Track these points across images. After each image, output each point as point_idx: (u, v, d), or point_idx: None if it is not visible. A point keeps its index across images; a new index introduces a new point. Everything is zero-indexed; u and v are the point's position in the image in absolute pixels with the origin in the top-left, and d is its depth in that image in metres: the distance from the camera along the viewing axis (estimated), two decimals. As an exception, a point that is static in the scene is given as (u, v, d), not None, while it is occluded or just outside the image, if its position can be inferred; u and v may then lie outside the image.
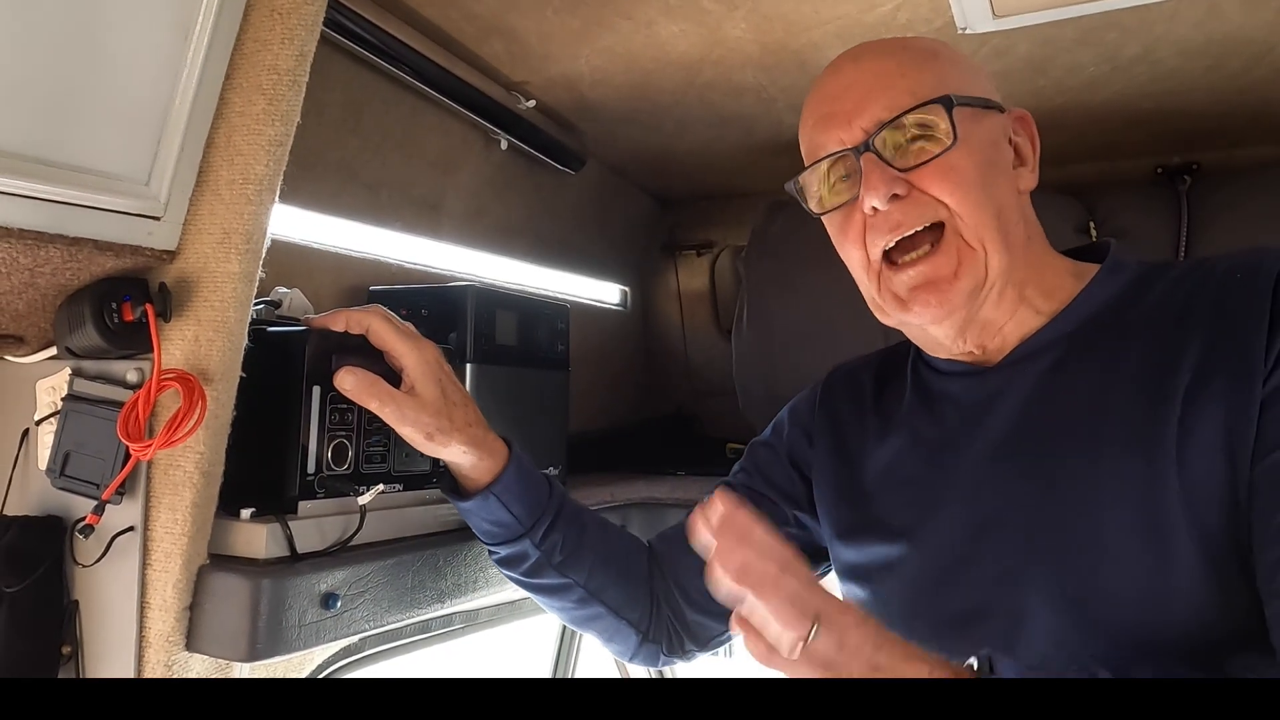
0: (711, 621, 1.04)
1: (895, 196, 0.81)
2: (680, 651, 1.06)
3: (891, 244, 0.83)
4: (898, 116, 0.81)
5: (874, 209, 0.82)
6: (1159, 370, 0.76)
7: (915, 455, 0.92)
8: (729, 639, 1.07)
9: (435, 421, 0.91)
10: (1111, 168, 1.74)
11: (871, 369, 1.04)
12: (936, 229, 0.82)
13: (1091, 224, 1.57)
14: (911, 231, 0.82)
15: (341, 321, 0.92)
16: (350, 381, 0.88)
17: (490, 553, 1.00)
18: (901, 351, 1.01)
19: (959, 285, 0.82)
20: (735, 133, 1.70)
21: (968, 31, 1.20)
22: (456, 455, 0.93)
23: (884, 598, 0.91)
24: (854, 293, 0.92)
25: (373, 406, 0.89)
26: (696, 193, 2.16)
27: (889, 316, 0.88)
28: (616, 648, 1.06)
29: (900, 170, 0.81)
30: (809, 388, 1.09)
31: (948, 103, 0.80)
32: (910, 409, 0.95)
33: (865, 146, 0.82)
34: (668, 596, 1.05)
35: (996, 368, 0.87)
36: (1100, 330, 0.83)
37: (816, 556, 1.02)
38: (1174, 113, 1.52)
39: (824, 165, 0.87)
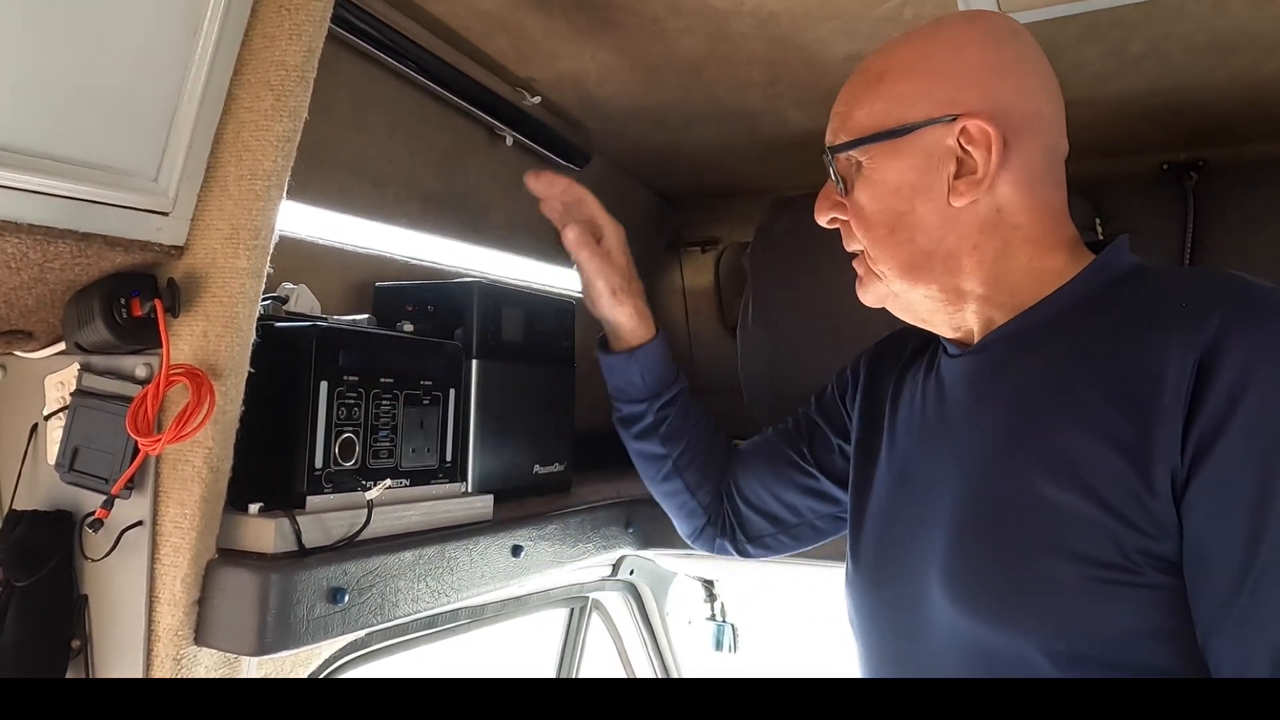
0: (759, 520, 1.18)
1: (836, 219, 0.93)
2: (732, 541, 1.21)
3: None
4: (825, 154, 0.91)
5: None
6: (1088, 385, 0.78)
7: (904, 427, 0.98)
8: (777, 546, 1.20)
9: (621, 281, 1.12)
10: (1118, 164, 1.74)
11: (917, 335, 1.07)
12: None
13: (1098, 220, 1.56)
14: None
15: (560, 185, 1.14)
16: (574, 233, 1.10)
17: (614, 410, 1.19)
18: None
19: (863, 286, 0.93)
20: (741, 129, 1.70)
21: (974, 27, 1.20)
22: (626, 315, 1.14)
23: (858, 552, 0.99)
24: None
25: (583, 256, 1.10)
26: (701, 189, 2.16)
27: None
28: (683, 526, 1.24)
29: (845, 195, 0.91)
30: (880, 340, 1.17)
31: (827, 152, 0.90)
32: (918, 382, 0.99)
33: (832, 172, 0.92)
34: (729, 492, 1.21)
35: (966, 353, 0.91)
36: (1057, 330, 0.84)
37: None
38: (1180, 109, 1.51)
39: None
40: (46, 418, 0.88)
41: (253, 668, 0.89)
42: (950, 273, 0.87)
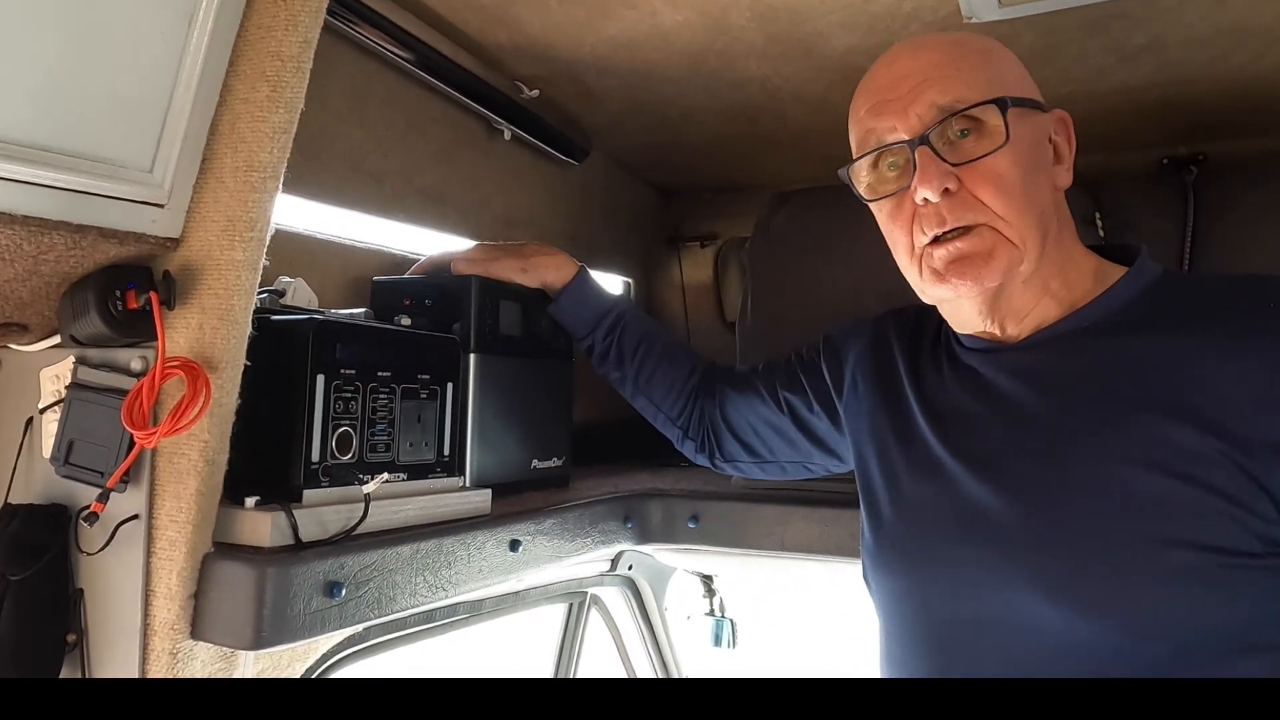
0: (735, 444, 1.29)
1: (946, 191, 0.85)
2: (709, 456, 1.32)
3: (937, 234, 0.87)
4: (960, 111, 0.85)
5: (925, 200, 0.86)
6: (1170, 377, 0.81)
7: (935, 414, 0.97)
8: (748, 471, 1.31)
9: (515, 261, 1.30)
10: (1118, 159, 1.74)
11: (919, 318, 1.08)
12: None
13: (1098, 215, 1.55)
14: (954, 227, 0.86)
15: (427, 264, 1.32)
16: (459, 266, 1.26)
17: None
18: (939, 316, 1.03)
19: (993, 265, 0.86)
20: (739, 124, 1.69)
21: (973, 21, 1.20)
22: (540, 279, 1.33)
23: (890, 533, 0.98)
24: (858, 285, 0.94)
25: (479, 270, 1.26)
26: (700, 184, 2.15)
27: (926, 293, 0.93)
28: (668, 433, 1.37)
29: (952, 164, 0.85)
30: (861, 322, 1.16)
31: (1003, 103, 0.84)
32: (940, 370, 1.00)
33: (921, 139, 0.85)
34: (712, 412, 1.31)
35: (1014, 348, 0.92)
36: (1116, 329, 0.87)
37: (824, 446, 1.20)
38: (1181, 103, 1.51)
39: (875, 154, 0.91)
40: (41, 411, 0.88)
41: (249, 662, 0.88)
42: (1050, 254, 0.89)
